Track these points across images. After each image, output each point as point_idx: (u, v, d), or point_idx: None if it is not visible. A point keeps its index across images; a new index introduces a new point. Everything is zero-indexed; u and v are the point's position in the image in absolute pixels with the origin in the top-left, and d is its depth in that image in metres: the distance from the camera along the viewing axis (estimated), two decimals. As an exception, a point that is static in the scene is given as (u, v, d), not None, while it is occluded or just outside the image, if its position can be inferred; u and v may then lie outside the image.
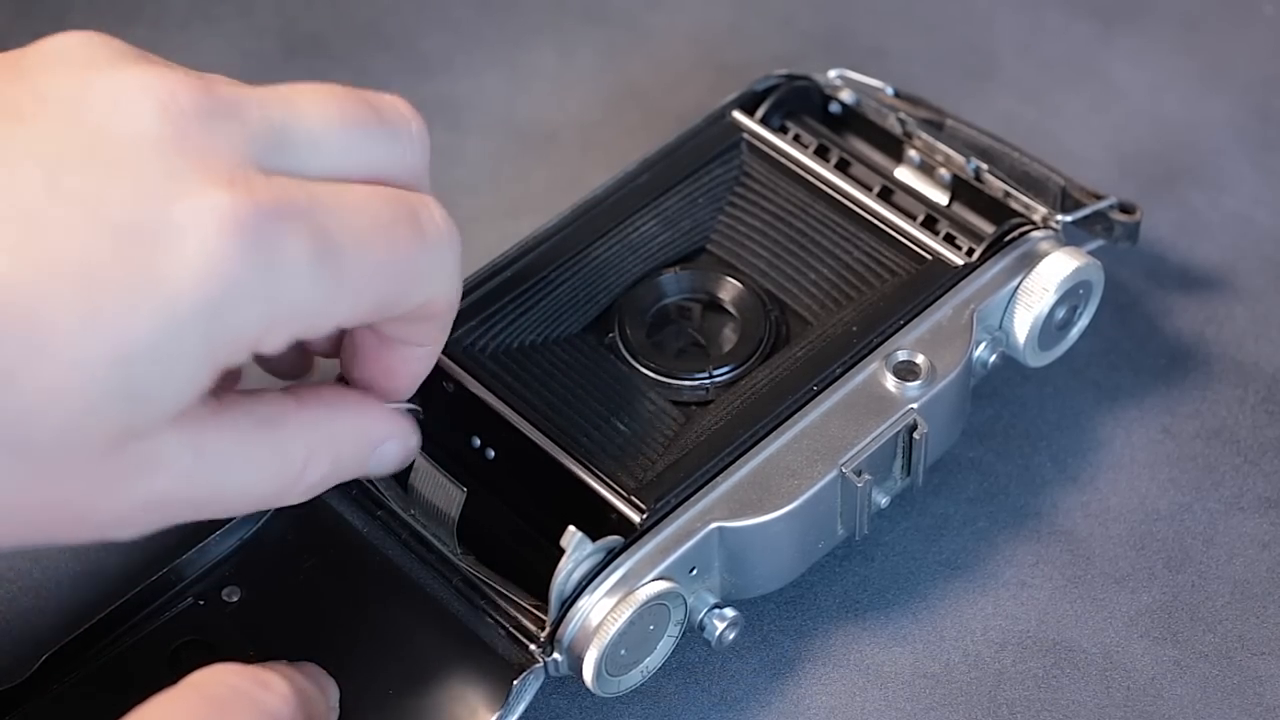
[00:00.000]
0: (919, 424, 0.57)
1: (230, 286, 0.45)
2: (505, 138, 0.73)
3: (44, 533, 0.48)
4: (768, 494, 0.56)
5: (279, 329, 0.47)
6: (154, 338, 0.45)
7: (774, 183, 0.64)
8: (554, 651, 0.54)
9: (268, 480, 0.50)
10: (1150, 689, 0.58)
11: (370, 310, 0.49)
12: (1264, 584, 0.60)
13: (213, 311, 0.45)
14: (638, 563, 0.54)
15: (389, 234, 0.49)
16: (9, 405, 0.44)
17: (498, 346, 0.59)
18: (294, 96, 0.50)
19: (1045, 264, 0.61)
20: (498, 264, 0.61)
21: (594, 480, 0.56)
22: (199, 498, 0.48)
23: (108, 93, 0.47)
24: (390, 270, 0.49)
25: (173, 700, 0.48)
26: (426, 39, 0.76)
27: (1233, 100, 0.73)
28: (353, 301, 0.48)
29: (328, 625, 0.56)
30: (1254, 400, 0.65)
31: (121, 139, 0.46)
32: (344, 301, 0.48)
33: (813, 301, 0.61)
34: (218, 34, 0.76)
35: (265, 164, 0.48)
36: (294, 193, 0.47)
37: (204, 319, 0.45)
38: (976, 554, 0.61)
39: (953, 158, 0.64)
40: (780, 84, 0.66)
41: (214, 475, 0.48)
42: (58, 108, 0.46)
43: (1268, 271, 0.68)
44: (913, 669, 0.59)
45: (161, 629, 0.56)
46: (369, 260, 0.48)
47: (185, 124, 0.47)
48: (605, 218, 0.63)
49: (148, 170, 0.46)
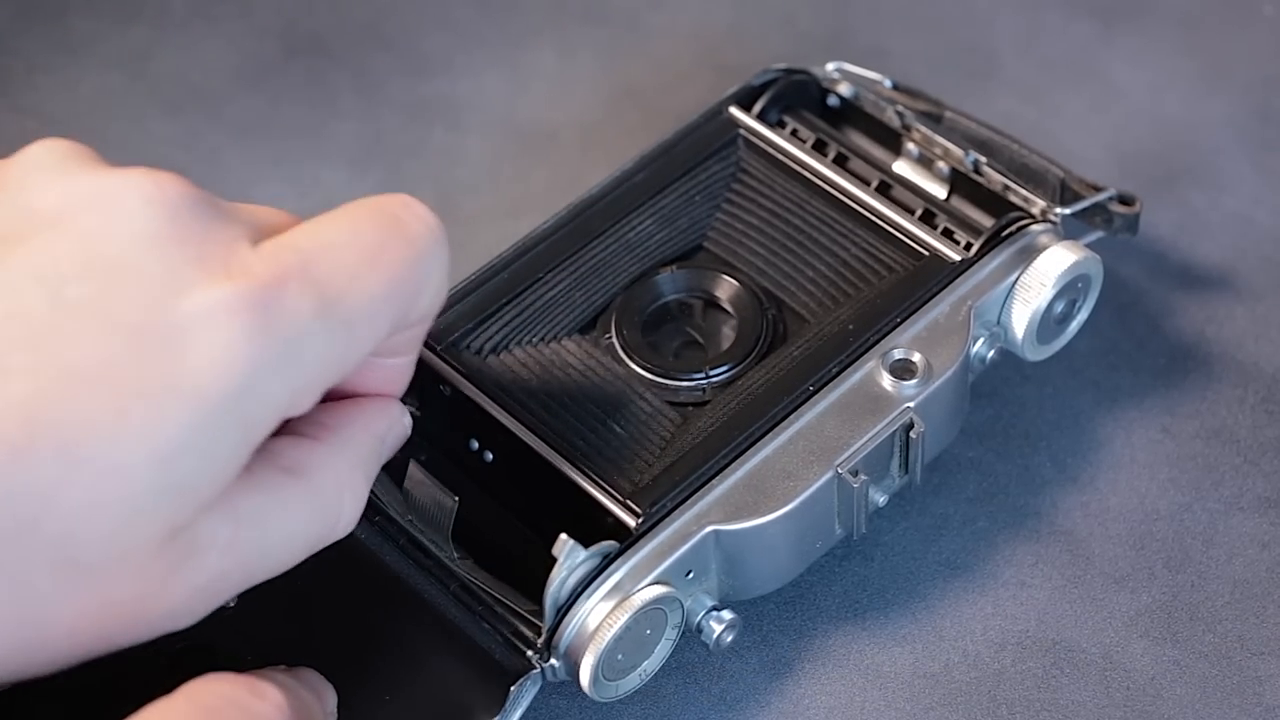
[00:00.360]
0: (915, 423, 0.57)
1: (253, 369, 0.45)
2: (505, 138, 0.73)
3: (102, 641, 0.47)
4: (764, 496, 0.55)
5: (306, 391, 0.47)
6: (188, 433, 0.45)
7: (771, 179, 0.64)
8: (551, 657, 0.54)
9: (312, 524, 0.50)
10: (1150, 689, 0.58)
11: (384, 336, 0.50)
12: (1264, 584, 0.60)
13: (241, 395, 0.45)
14: (634, 567, 0.54)
15: (381, 259, 0.49)
16: (53, 527, 0.44)
17: (495, 348, 0.59)
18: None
19: (1044, 258, 0.60)
20: (494, 266, 0.61)
21: (590, 485, 0.56)
22: (248, 565, 0.48)
23: (94, 197, 0.47)
24: (392, 294, 0.49)
25: (165, 710, 0.48)
26: (426, 39, 0.76)
27: (1233, 100, 0.73)
28: (366, 337, 0.49)
29: (325, 631, 0.56)
30: (1254, 400, 0.65)
31: (115, 240, 0.46)
32: (358, 342, 0.48)
33: (810, 299, 0.61)
34: (218, 34, 0.76)
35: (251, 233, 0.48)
36: (286, 258, 0.47)
37: (234, 404, 0.45)
38: (976, 554, 0.61)
39: (951, 151, 0.64)
40: (778, 78, 0.66)
41: (256, 539, 0.48)
42: (46, 220, 0.46)
43: (1268, 271, 0.68)
44: (912, 669, 0.59)
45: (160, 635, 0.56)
46: (370, 295, 0.48)
47: (175, 215, 0.47)
48: (602, 217, 0.62)
49: (148, 269, 0.45)
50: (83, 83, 0.75)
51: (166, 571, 0.46)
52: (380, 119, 0.74)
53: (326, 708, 0.53)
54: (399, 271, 0.49)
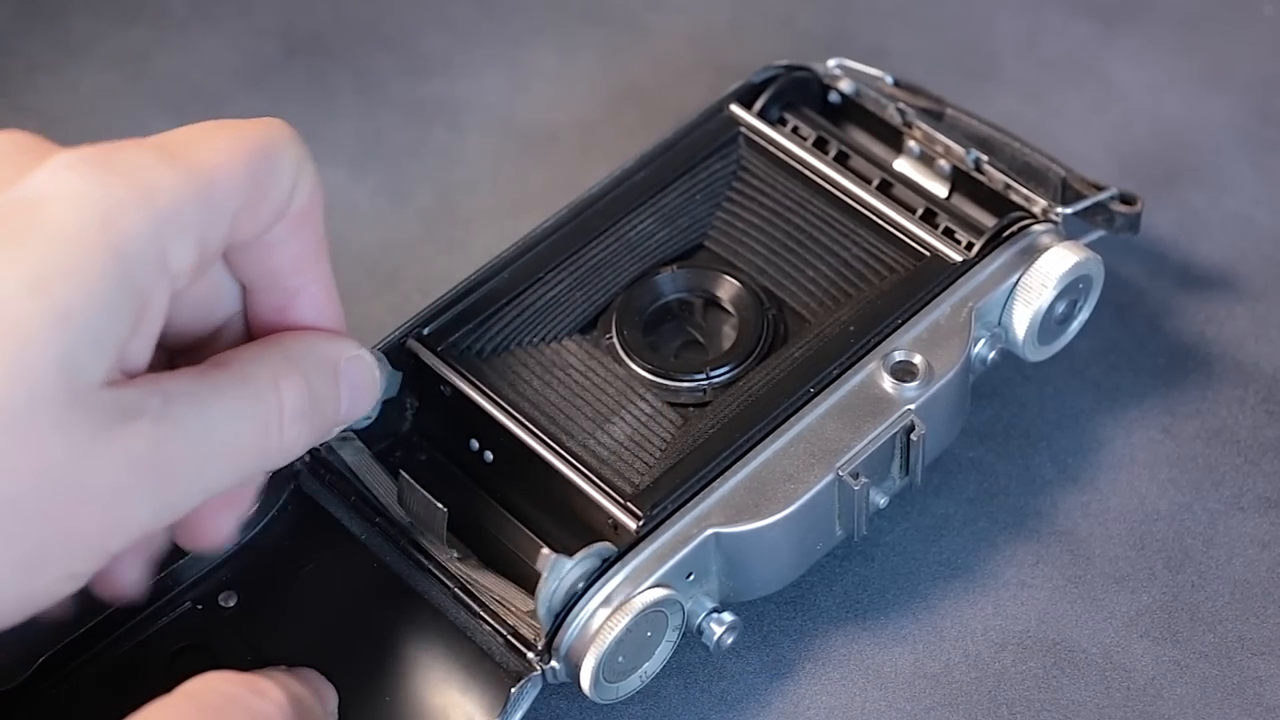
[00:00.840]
0: (916, 425, 0.57)
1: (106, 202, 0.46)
2: (505, 138, 0.73)
3: (59, 526, 0.46)
4: (764, 499, 0.55)
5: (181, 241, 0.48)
6: (55, 264, 0.45)
7: (772, 177, 0.64)
8: (552, 659, 0.54)
9: (249, 415, 0.50)
10: (1150, 689, 0.58)
11: (245, 197, 0.49)
12: (1264, 584, 0.60)
13: (103, 228, 0.46)
14: (634, 569, 0.54)
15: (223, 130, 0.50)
16: None
17: (495, 348, 0.59)
18: None
19: (1045, 259, 0.60)
20: (494, 265, 0.61)
21: (591, 487, 0.56)
22: (189, 448, 0.48)
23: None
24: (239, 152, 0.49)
25: (166, 708, 0.48)
26: (426, 39, 0.76)
27: (1233, 100, 0.73)
28: (225, 192, 0.49)
29: (326, 631, 0.56)
30: (1254, 400, 0.65)
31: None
32: (218, 196, 0.48)
33: (811, 299, 0.61)
34: (218, 34, 0.76)
35: None
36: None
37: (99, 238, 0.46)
38: (976, 554, 0.61)
39: (952, 148, 0.64)
40: (779, 75, 0.66)
41: (193, 416, 0.48)
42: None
43: (1268, 271, 0.68)
44: (913, 669, 0.59)
45: (160, 634, 0.56)
46: (215, 149, 0.49)
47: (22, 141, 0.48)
48: (602, 216, 0.62)
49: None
50: (83, 83, 0.75)
51: (94, 429, 0.46)
52: (380, 119, 0.74)
53: (327, 708, 0.53)
54: (247, 140, 0.49)
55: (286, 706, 0.50)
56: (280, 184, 0.50)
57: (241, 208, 0.49)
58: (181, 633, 0.56)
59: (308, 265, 0.53)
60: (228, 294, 0.53)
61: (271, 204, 0.50)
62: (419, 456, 0.59)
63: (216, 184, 0.48)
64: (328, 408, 0.52)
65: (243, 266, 0.52)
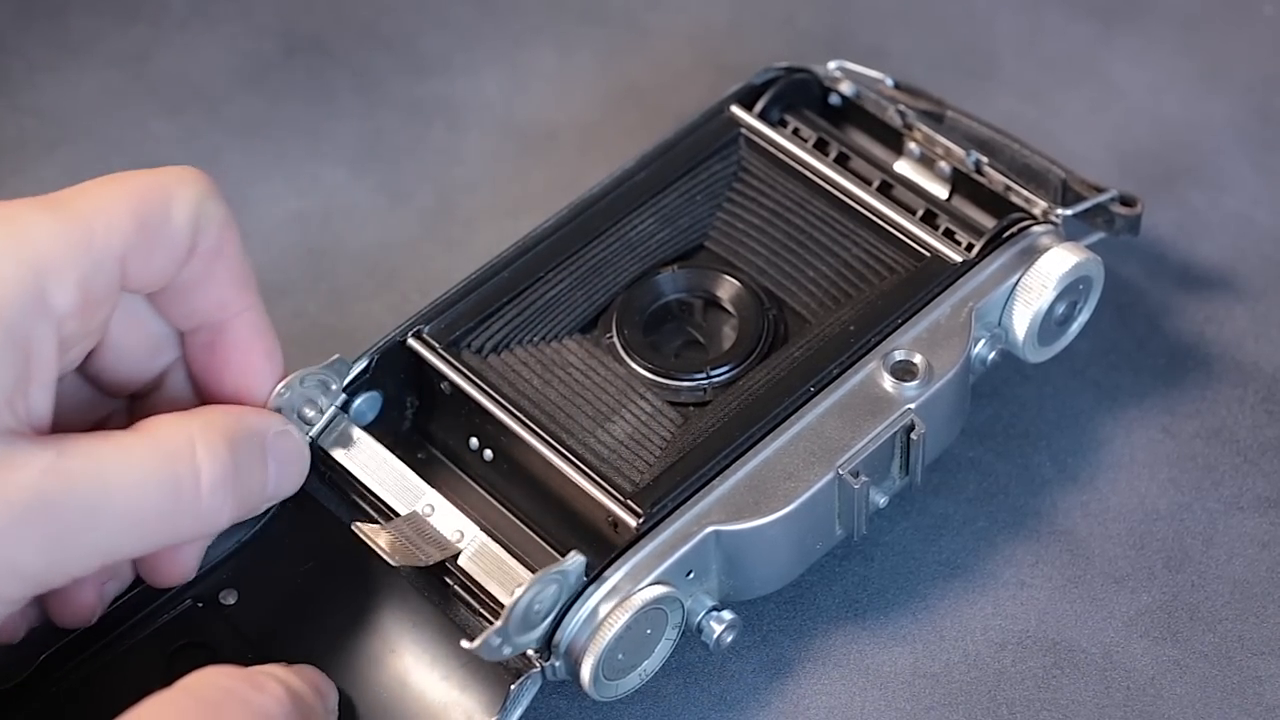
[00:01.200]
0: (916, 424, 0.57)
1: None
2: (505, 138, 0.73)
3: None
4: (764, 497, 0.55)
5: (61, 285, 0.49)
6: None
7: (772, 178, 0.64)
8: (551, 656, 0.54)
9: (156, 479, 0.50)
10: (1150, 689, 0.58)
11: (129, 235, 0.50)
12: (1264, 584, 0.60)
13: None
14: (634, 567, 0.54)
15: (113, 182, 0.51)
16: None
17: (496, 347, 0.59)
18: None
19: (1045, 260, 0.60)
20: (495, 265, 0.61)
21: (591, 485, 0.56)
22: (81, 504, 0.48)
23: None
24: (124, 197, 0.50)
25: (165, 703, 0.48)
26: (426, 39, 0.76)
27: (1233, 100, 0.73)
28: (104, 230, 0.50)
29: (325, 629, 0.56)
30: (1254, 400, 0.65)
31: None
32: (98, 236, 0.49)
33: (811, 299, 0.61)
34: (218, 34, 0.76)
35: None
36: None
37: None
38: (976, 554, 0.61)
39: (953, 150, 0.64)
40: (779, 77, 0.66)
41: (86, 476, 0.48)
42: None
43: (1268, 271, 0.68)
44: (912, 669, 0.59)
45: (159, 631, 0.56)
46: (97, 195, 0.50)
47: None
48: (603, 216, 0.62)
49: None
50: (83, 83, 0.75)
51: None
52: (380, 118, 0.74)
53: (328, 704, 0.53)
54: (134, 188, 0.50)
55: (286, 701, 0.50)
56: (175, 227, 0.51)
57: (130, 251, 0.50)
58: (181, 631, 0.56)
59: (230, 300, 0.54)
60: (165, 341, 0.54)
61: (168, 247, 0.51)
62: (418, 455, 0.59)
63: (94, 229, 0.49)
64: (253, 480, 0.53)
65: (168, 309, 0.53)
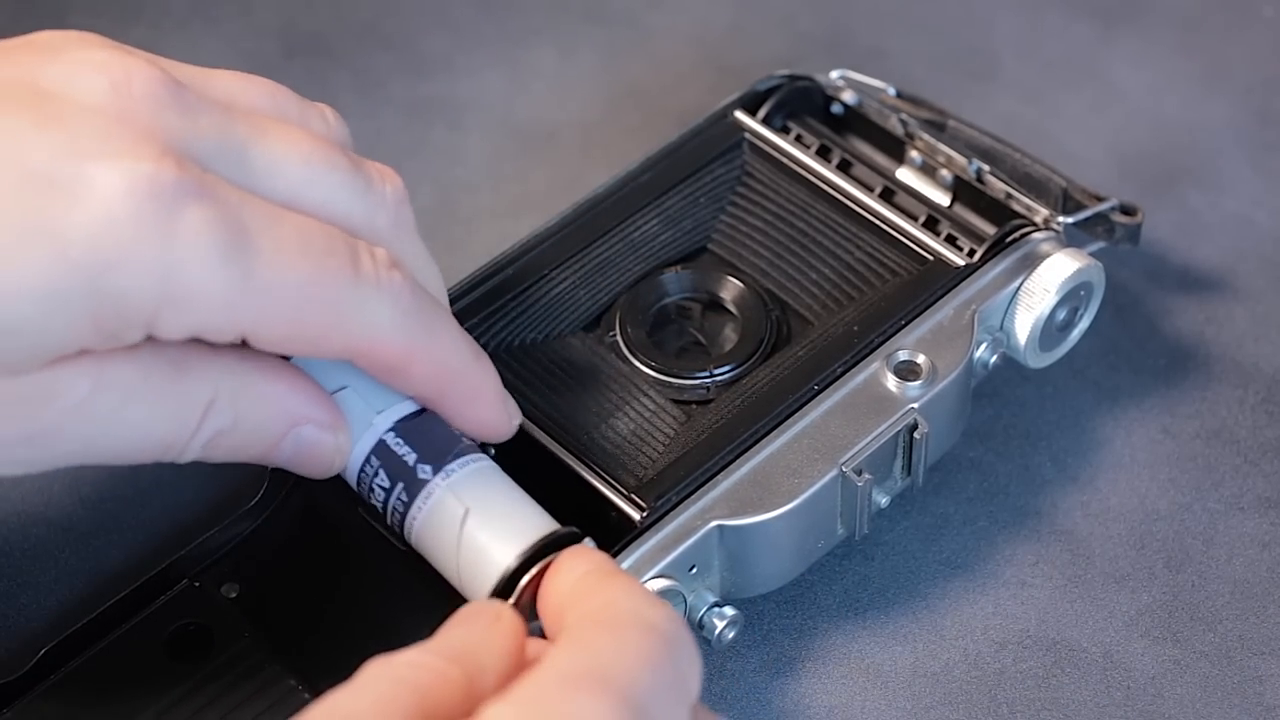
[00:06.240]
0: (919, 424, 0.57)
1: (124, 246, 0.46)
2: (505, 138, 0.73)
3: None
4: (768, 492, 0.55)
5: (172, 311, 0.47)
6: (38, 280, 0.45)
7: (775, 183, 0.64)
8: (555, 650, 0.54)
9: (165, 422, 0.49)
10: (1150, 688, 0.58)
11: (285, 331, 0.49)
12: (1264, 584, 0.60)
13: (102, 268, 0.45)
14: (638, 560, 0.54)
15: (316, 257, 0.48)
16: None
17: (499, 344, 0.59)
18: (267, 124, 0.50)
19: (1046, 265, 0.61)
20: (499, 262, 0.61)
21: (594, 478, 0.56)
22: (92, 432, 0.48)
23: (68, 65, 0.48)
24: (309, 293, 0.48)
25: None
26: (426, 39, 0.76)
27: (1233, 101, 0.73)
28: (260, 310, 0.48)
29: (327, 622, 0.56)
30: (1254, 400, 0.65)
31: (65, 102, 0.47)
32: (250, 307, 0.48)
33: (814, 301, 0.61)
34: (218, 34, 0.76)
35: (210, 166, 0.48)
36: (224, 189, 0.47)
37: (92, 274, 0.45)
38: (976, 553, 0.61)
39: (954, 159, 0.64)
40: (782, 84, 0.66)
41: (111, 408, 0.48)
42: (19, 71, 0.48)
43: (1268, 272, 0.68)
44: (913, 668, 0.59)
45: (157, 614, 0.55)
46: (285, 270, 0.48)
47: (133, 104, 0.47)
48: (607, 216, 0.63)
49: (81, 132, 0.46)
50: (83, 82, 0.75)
51: (9, 404, 0.46)
52: (380, 118, 0.74)
53: None
54: (327, 278, 0.49)
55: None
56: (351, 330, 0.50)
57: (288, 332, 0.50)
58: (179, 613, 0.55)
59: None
60: None
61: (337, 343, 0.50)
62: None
63: (259, 290, 0.48)
64: (252, 442, 0.52)
65: None
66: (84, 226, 0.45)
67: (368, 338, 0.50)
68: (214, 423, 0.50)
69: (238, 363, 0.51)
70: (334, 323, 0.49)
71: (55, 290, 0.45)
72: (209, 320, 0.48)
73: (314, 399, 0.53)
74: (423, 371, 0.52)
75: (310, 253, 0.48)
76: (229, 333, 0.48)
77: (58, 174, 0.46)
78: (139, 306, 0.46)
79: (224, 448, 0.51)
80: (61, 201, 0.45)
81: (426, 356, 0.51)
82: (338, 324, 0.49)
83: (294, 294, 0.48)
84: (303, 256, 0.48)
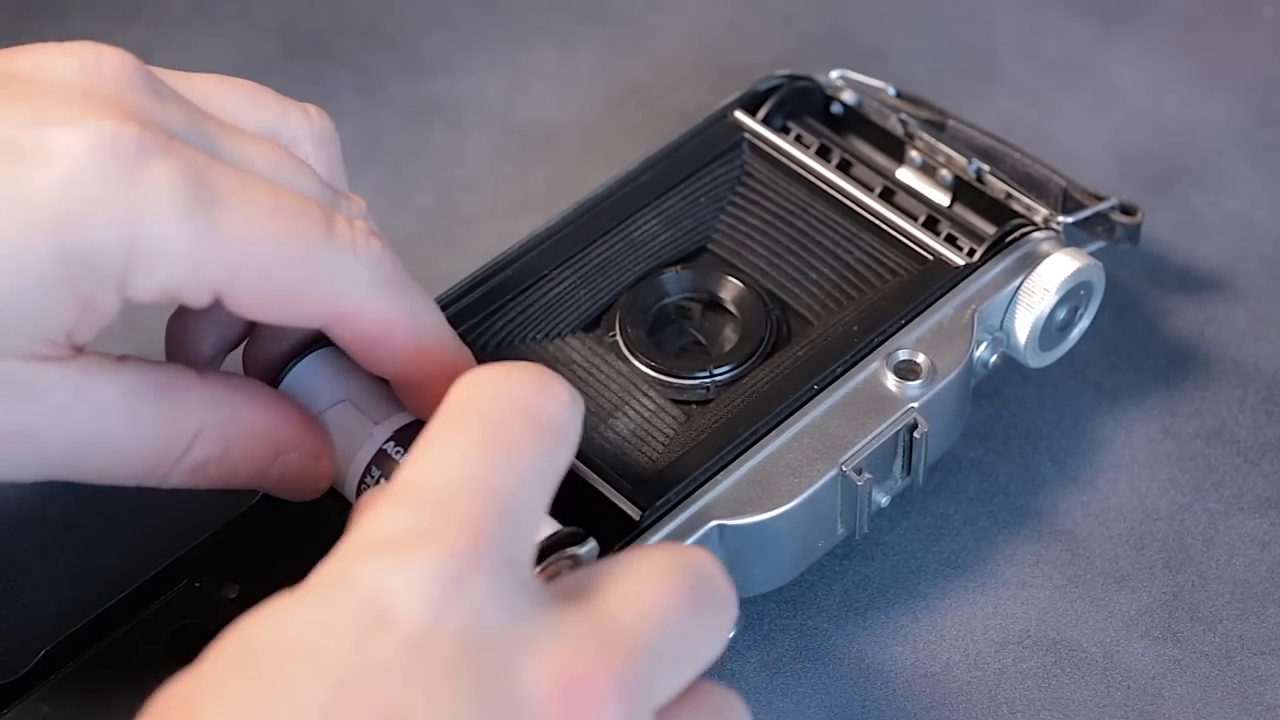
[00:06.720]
0: (919, 423, 0.57)
1: (88, 203, 0.45)
2: (505, 138, 0.73)
3: None
4: (768, 492, 0.55)
5: (142, 266, 0.46)
6: (5, 246, 0.45)
7: (775, 183, 0.64)
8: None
9: (149, 445, 0.49)
10: (1150, 688, 0.58)
11: (258, 291, 0.48)
12: (1264, 584, 0.60)
13: (68, 225, 0.45)
14: (638, 560, 0.54)
15: (286, 217, 0.48)
16: None
17: (499, 344, 0.59)
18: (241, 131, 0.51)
19: (1046, 265, 0.61)
20: (499, 262, 0.61)
21: (594, 478, 0.56)
22: (73, 445, 0.48)
23: (37, 54, 0.48)
24: (280, 251, 0.48)
25: (447, 424, 0.46)
26: (426, 39, 0.76)
27: (1233, 101, 0.73)
28: (229, 268, 0.47)
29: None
30: (1254, 400, 0.65)
31: (32, 81, 0.47)
32: (218, 263, 0.47)
33: (814, 301, 0.61)
34: (218, 34, 0.76)
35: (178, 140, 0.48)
36: (190, 150, 0.47)
37: (58, 231, 0.45)
38: (976, 553, 0.61)
39: (954, 159, 0.64)
40: (782, 84, 0.66)
41: (92, 423, 0.48)
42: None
43: (1268, 272, 0.68)
44: (913, 668, 0.59)
45: (157, 613, 0.55)
46: (253, 226, 0.47)
47: (102, 81, 0.48)
48: (606, 216, 0.63)
49: (45, 103, 0.46)
50: (82, 82, 0.75)
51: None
52: (380, 118, 0.74)
53: None
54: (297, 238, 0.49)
55: (571, 405, 0.48)
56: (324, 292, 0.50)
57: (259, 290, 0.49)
58: (178, 613, 0.55)
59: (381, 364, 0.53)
60: None
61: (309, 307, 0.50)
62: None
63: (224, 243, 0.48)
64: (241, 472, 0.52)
65: None
66: (47, 187, 0.45)
67: (345, 302, 0.49)
68: (202, 451, 0.50)
69: (227, 393, 0.51)
70: (308, 283, 0.49)
71: (23, 252, 0.45)
72: (178, 277, 0.47)
73: (301, 427, 0.53)
74: (404, 342, 0.51)
75: (280, 212, 0.48)
76: (201, 292, 0.48)
77: (20, 141, 0.46)
78: (109, 264, 0.46)
79: (211, 476, 0.51)
80: (24, 165, 0.45)
81: (407, 325, 0.51)
82: (312, 285, 0.49)
83: (264, 251, 0.48)
84: (271, 215, 0.48)
